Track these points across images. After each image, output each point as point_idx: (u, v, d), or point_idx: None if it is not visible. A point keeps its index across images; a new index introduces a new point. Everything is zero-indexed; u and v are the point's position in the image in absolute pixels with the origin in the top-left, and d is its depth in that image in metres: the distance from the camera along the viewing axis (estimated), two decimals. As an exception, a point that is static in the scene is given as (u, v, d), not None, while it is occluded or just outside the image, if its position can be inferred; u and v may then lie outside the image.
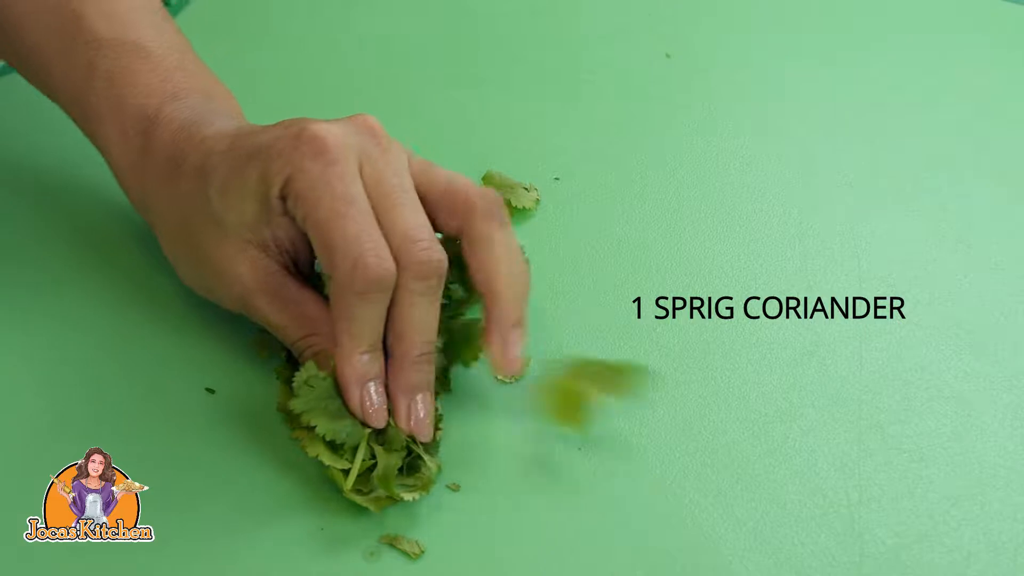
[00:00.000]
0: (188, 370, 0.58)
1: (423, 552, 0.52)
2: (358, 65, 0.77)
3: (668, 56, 0.80)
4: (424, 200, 0.56)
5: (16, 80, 0.69)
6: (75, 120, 0.61)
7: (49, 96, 0.63)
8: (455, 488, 0.55)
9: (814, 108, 0.76)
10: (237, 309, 0.58)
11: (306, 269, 0.58)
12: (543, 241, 0.66)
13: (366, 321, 0.53)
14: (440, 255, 0.54)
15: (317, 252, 0.54)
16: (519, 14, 0.82)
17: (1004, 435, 0.58)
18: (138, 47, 0.60)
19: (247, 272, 0.56)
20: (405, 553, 0.52)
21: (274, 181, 0.54)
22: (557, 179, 0.70)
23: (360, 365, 0.54)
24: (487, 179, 0.69)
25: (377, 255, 0.53)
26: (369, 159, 0.55)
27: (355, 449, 0.54)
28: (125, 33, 0.60)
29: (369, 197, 0.54)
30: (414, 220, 0.54)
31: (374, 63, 0.77)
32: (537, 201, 0.68)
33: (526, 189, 0.68)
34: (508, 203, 0.67)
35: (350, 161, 0.54)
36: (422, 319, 0.54)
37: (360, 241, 0.53)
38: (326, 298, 0.56)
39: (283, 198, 0.54)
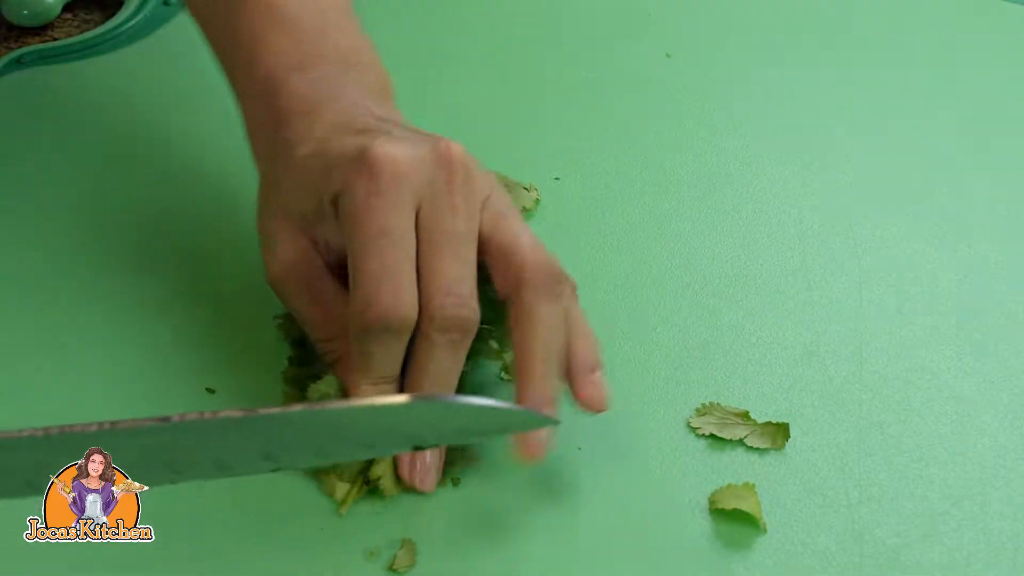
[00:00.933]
0: (188, 370, 0.58)
1: (420, 552, 0.52)
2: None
3: (668, 56, 0.80)
4: (484, 252, 0.54)
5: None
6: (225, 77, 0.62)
7: (217, 61, 0.63)
8: (456, 483, 0.54)
9: (814, 108, 0.76)
10: (273, 286, 0.57)
11: None
12: (543, 240, 0.66)
13: (375, 356, 0.53)
14: (471, 313, 0.53)
15: (349, 276, 0.53)
16: (519, 14, 0.82)
17: (1004, 435, 0.58)
18: (272, 8, 0.59)
19: (291, 256, 0.56)
20: (405, 553, 0.52)
21: (328, 190, 0.54)
22: (557, 179, 0.70)
23: (366, 395, 0.53)
24: (487, 179, 0.69)
25: (394, 295, 0.52)
26: (432, 196, 0.53)
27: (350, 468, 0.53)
28: None
29: (420, 235, 0.53)
30: (455, 272, 0.53)
31: (374, 63, 0.77)
32: (537, 201, 0.68)
33: (526, 189, 0.68)
34: (508, 203, 0.67)
35: (403, 193, 0.52)
36: (438, 372, 0.53)
37: (379, 279, 0.52)
38: None
39: (335, 204, 0.54)
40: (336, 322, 0.55)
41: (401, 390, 0.54)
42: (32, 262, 0.63)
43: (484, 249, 0.54)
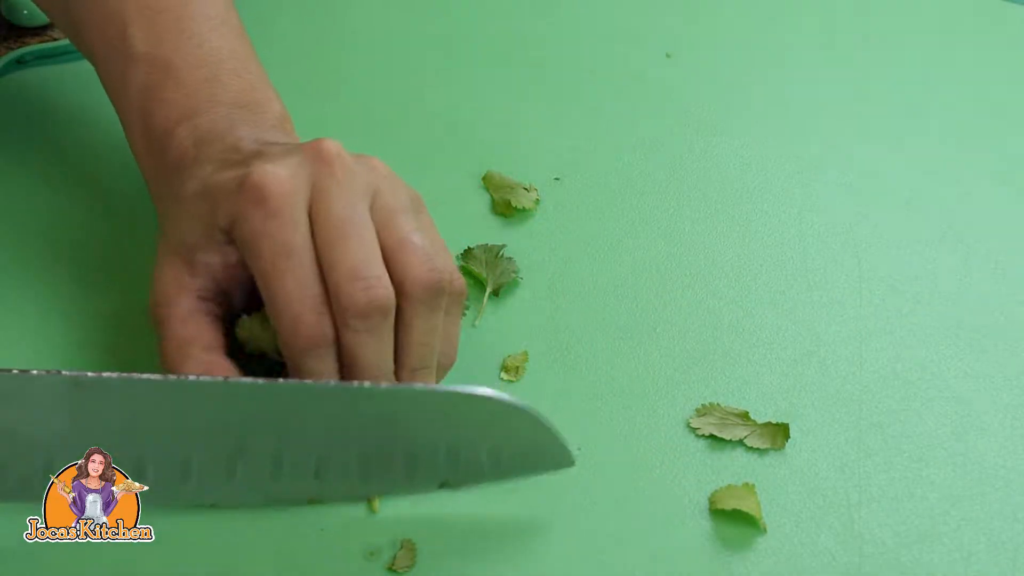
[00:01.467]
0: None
1: (420, 552, 0.52)
2: (357, 65, 0.77)
3: (668, 56, 0.80)
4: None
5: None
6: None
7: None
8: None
9: (814, 108, 0.76)
10: (150, 317, 0.57)
11: (236, 301, 0.57)
12: (543, 241, 0.66)
13: (316, 374, 0.53)
14: (384, 292, 0.52)
15: (264, 301, 0.54)
16: (519, 14, 0.82)
17: (1004, 435, 0.58)
18: (166, 63, 0.60)
19: (162, 283, 0.56)
20: (405, 553, 0.52)
21: (219, 220, 0.54)
22: (557, 179, 0.70)
23: None
24: (487, 179, 0.69)
25: (315, 311, 0.52)
26: (320, 192, 0.54)
27: None
28: (159, 47, 0.60)
29: (316, 234, 0.53)
30: (359, 255, 0.53)
31: (374, 63, 0.77)
32: (537, 201, 0.68)
33: (526, 189, 0.68)
34: (508, 203, 0.67)
35: (294, 206, 0.53)
36: (372, 360, 0.53)
37: (299, 299, 0.52)
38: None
39: (226, 231, 0.55)
40: (178, 343, 0.55)
41: None
42: (32, 262, 0.63)
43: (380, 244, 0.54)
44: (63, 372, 0.50)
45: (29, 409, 0.50)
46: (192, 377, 0.51)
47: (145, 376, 0.51)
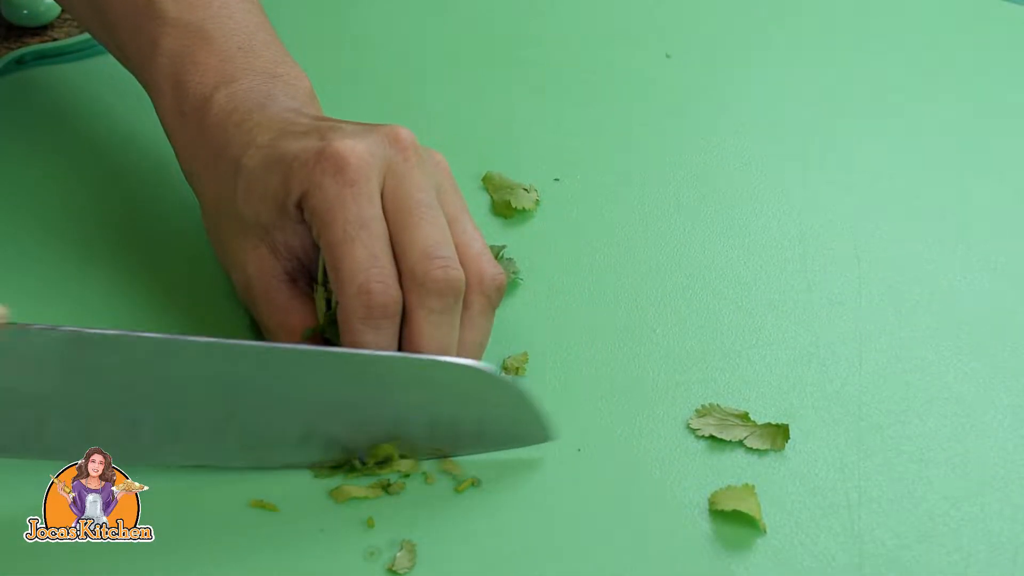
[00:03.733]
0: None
1: (420, 552, 0.52)
2: (357, 65, 0.77)
3: (668, 56, 0.80)
4: None
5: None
6: (145, 90, 0.63)
7: (126, 67, 0.65)
8: (476, 484, 0.55)
9: (814, 108, 0.76)
10: (242, 300, 0.59)
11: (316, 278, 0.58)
12: (543, 241, 0.66)
13: (373, 346, 0.53)
14: (458, 274, 0.53)
15: (328, 273, 0.54)
16: (519, 14, 0.82)
17: (1004, 436, 0.58)
18: (200, 29, 0.61)
19: (252, 268, 0.57)
20: (405, 553, 0.52)
21: (292, 191, 0.55)
22: (557, 180, 0.70)
23: None
24: (487, 180, 0.69)
25: (383, 281, 0.53)
26: (394, 174, 0.55)
27: None
28: (191, 13, 0.61)
29: (389, 214, 0.54)
30: (434, 237, 0.54)
31: (374, 63, 0.77)
32: (537, 202, 0.68)
33: (526, 190, 0.68)
34: (508, 204, 0.67)
35: (370, 181, 0.54)
36: (439, 339, 0.53)
37: (366, 267, 0.53)
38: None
39: (300, 208, 0.55)
40: (288, 328, 0.56)
41: None
42: (32, 261, 0.63)
43: None
44: (61, 327, 0.50)
45: (26, 364, 0.50)
46: (185, 337, 0.52)
47: (143, 334, 0.51)
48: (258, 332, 0.59)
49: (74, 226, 0.65)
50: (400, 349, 0.54)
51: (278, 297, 0.56)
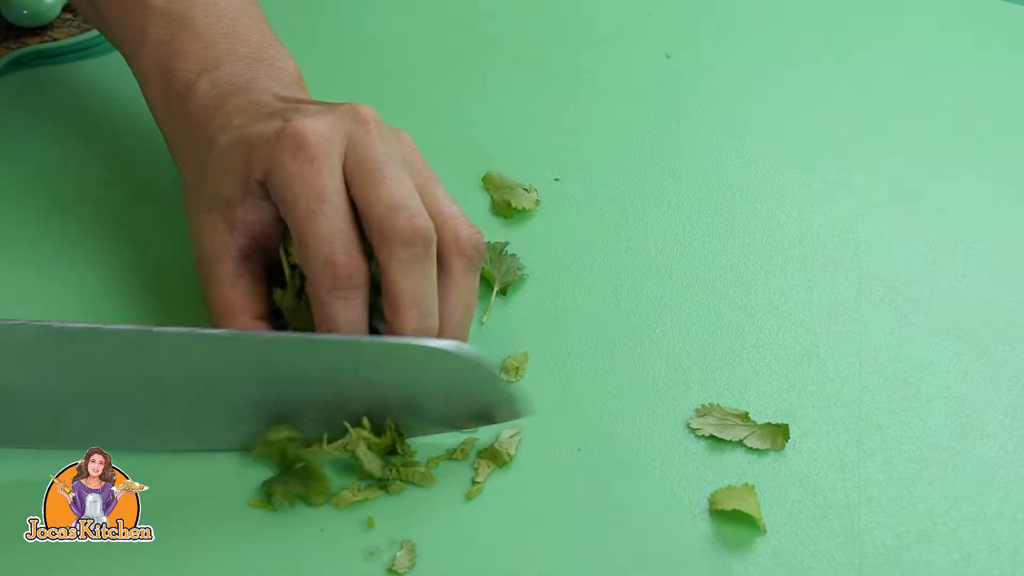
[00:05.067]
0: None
1: (420, 552, 0.52)
2: (358, 65, 0.77)
3: (668, 56, 0.80)
4: None
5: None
6: (136, 79, 0.64)
7: (122, 55, 0.66)
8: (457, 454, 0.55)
9: (814, 108, 0.76)
10: (196, 273, 0.59)
11: (272, 258, 0.58)
12: (543, 241, 0.66)
13: (341, 319, 0.54)
14: (425, 222, 0.54)
15: (296, 250, 0.55)
16: (519, 14, 0.82)
17: (1004, 435, 0.58)
18: (184, 17, 0.62)
19: (206, 241, 0.58)
20: (405, 553, 0.52)
21: (255, 170, 0.56)
22: (557, 179, 0.70)
23: None
24: (487, 180, 0.69)
25: (347, 252, 0.54)
26: (355, 145, 0.55)
27: None
28: (177, 2, 0.62)
29: (352, 181, 0.55)
30: (399, 191, 0.54)
31: (374, 63, 0.77)
32: (537, 202, 0.68)
33: (526, 190, 0.68)
34: (508, 203, 0.67)
35: (331, 156, 0.55)
36: (415, 290, 0.54)
37: (330, 239, 0.54)
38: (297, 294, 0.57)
39: (263, 186, 0.56)
40: (225, 301, 0.57)
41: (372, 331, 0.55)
42: (30, 259, 0.63)
43: None
44: (33, 322, 0.52)
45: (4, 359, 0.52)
46: (160, 328, 0.52)
47: (114, 327, 0.52)
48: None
49: (73, 225, 0.65)
50: (381, 311, 0.55)
51: (224, 272, 0.57)
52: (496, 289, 0.62)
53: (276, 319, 0.58)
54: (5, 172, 0.68)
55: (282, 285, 0.58)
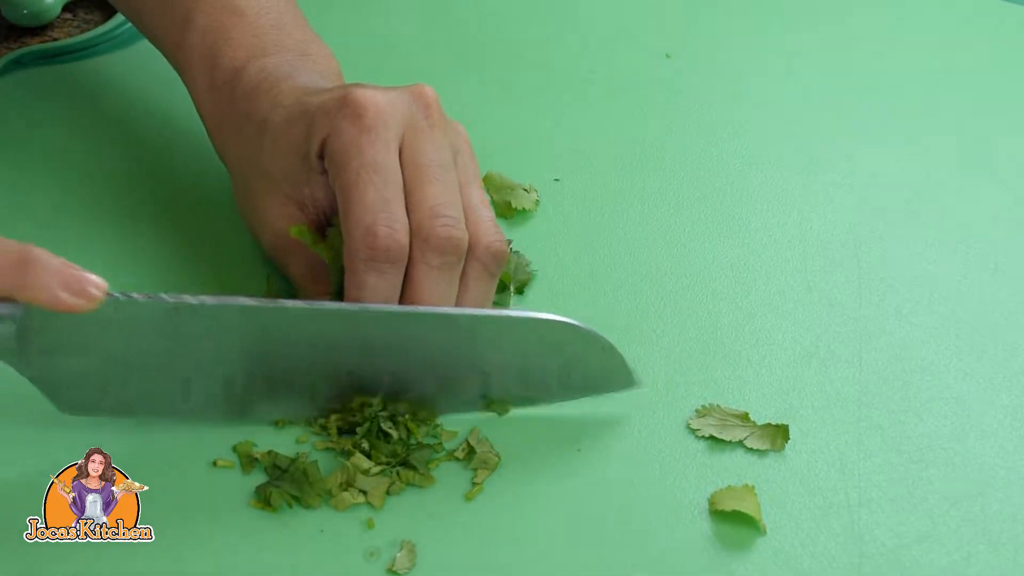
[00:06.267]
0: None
1: (420, 553, 0.52)
2: (358, 65, 0.77)
3: (668, 56, 0.80)
4: None
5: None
6: (175, 68, 0.65)
7: (155, 46, 0.66)
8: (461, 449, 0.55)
9: (814, 108, 0.77)
10: (273, 260, 0.60)
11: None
12: (543, 241, 0.66)
13: (374, 289, 0.54)
14: (462, 234, 0.55)
15: (340, 215, 0.55)
16: (519, 14, 0.82)
17: (1004, 436, 0.58)
18: (233, 5, 0.62)
19: (283, 226, 0.58)
20: (405, 553, 0.52)
21: (314, 139, 0.56)
22: (557, 180, 0.70)
23: None
24: (487, 180, 0.69)
25: (389, 225, 0.54)
26: (414, 131, 0.56)
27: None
28: None
29: (405, 169, 0.55)
30: (443, 197, 0.55)
31: (374, 63, 0.77)
32: (537, 202, 0.68)
33: (526, 190, 0.68)
34: (508, 204, 0.67)
35: (389, 129, 0.55)
36: (438, 293, 0.55)
37: (375, 210, 0.54)
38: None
39: (321, 157, 0.56)
40: (323, 286, 0.58)
41: None
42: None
43: None
44: (162, 296, 0.52)
45: (129, 332, 0.52)
46: (280, 302, 0.53)
47: (238, 300, 0.53)
48: (289, 292, 0.60)
49: (74, 225, 0.65)
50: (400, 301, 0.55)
51: (310, 253, 0.58)
52: (512, 289, 0.62)
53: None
54: (5, 172, 0.68)
55: None
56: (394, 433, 0.55)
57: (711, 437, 0.57)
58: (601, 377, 0.56)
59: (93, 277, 0.50)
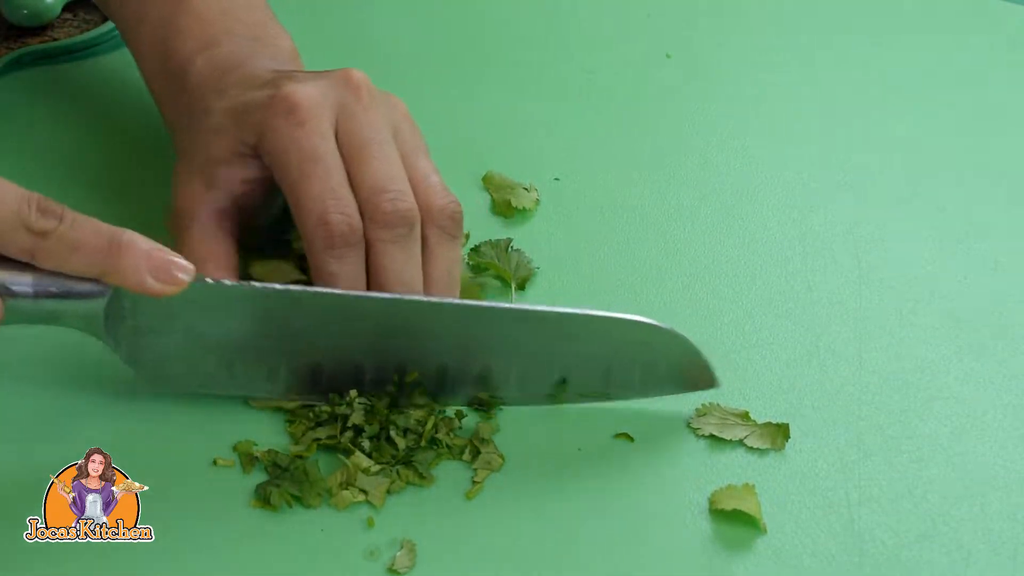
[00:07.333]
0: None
1: (420, 552, 0.52)
2: (358, 64, 0.77)
3: (668, 56, 0.80)
4: None
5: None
6: (136, 62, 0.66)
7: (123, 39, 0.67)
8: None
9: (814, 108, 0.77)
10: (169, 224, 0.59)
11: (251, 218, 0.59)
12: (543, 241, 0.66)
13: (338, 275, 0.55)
14: (410, 205, 0.55)
15: (291, 211, 0.56)
16: (519, 14, 0.82)
17: (1004, 435, 0.58)
18: None
19: (181, 196, 0.59)
20: (405, 553, 0.52)
21: (249, 136, 0.57)
22: (557, 179, 0.70)
23: None
24: (487, 179, 0.69)
25: (340, 211, 0.54)
26: (346, 114, 0.57)
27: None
28: None
29: (343, 152, 0.56)
30: (385, 171, 0.56)
31: (374, 63, 0.77)
32: (537, 201, 0.68)
33: (526, 189, 0.68)
34: (508, 203, 0.67)
35: (321, 120, 0.56)
36: (397, 270, 0.55)
37: (323, 199, 0.55)
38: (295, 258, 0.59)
39: (256, 151, 0.57)
40: (198, 260, 0.56)
41: None
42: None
43: None
44: (246, 283, 0.54)
45: (214, 314, 0.54)
46: (360, 293, 0.55)
47: (320, 289, 0.55)
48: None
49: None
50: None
51: (197, 227, 0.58)
52: (514, 287, 0.62)
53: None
54: (5, 172, 0.68)
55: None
56: (400, 442, 0.55)
57: (711, 436, 0.57)
58: (683, 376, 0.57)
59: (181, 261, 0.51)
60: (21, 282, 0.51)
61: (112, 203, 0.66)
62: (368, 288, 0.56)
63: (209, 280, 0.53)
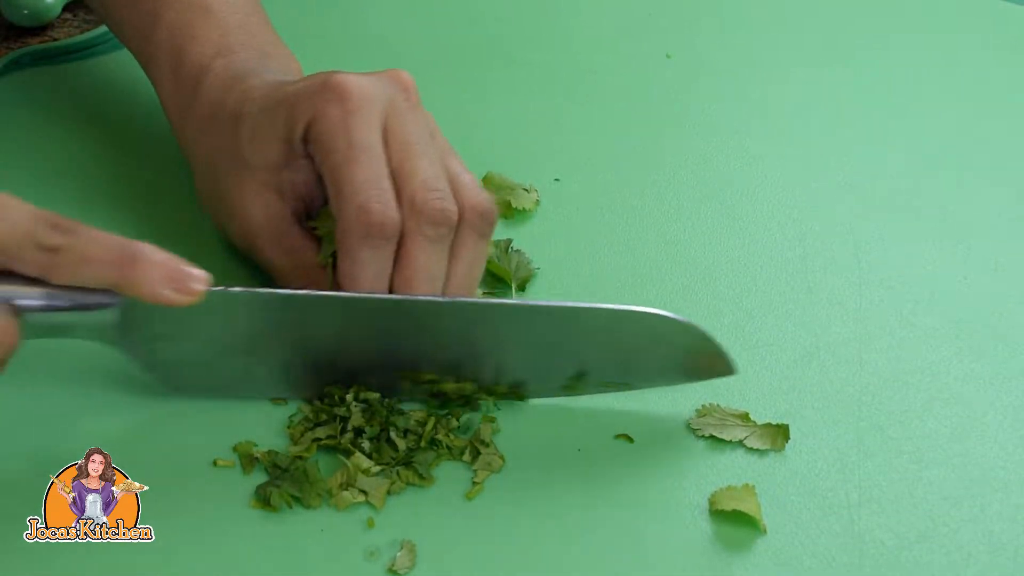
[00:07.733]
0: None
1: (420, 552, 0.52)
2: (358, 65, 0.77)
3: (668, 56, 0.80)
4: None
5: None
6: (140, 64, 0.66)
7: (121, 41, 0.68)
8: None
9: (814, 108, 0.77)
10: (244, 248, 0.60)
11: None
12: (543, 242, 0.66)
13: (367, 265, 0.54)
14: (452, 206, 0.55)
15: (329, 196, 0.56)
16: (520, 14, 0.82)
17: (1004, 436, 0.58)
18: (201, 3, 0.63)
19: (259, 213, 0.59)
20: (405, 553, 0.52)
21: (298, 123, 0.56)
22: (557, 180, 0.70)
23: None
24: (487, 180, 0.69)
25: (381, 201, 0.54)
26: (395, 111, 0.57)
27: None
28: None
29: (390, 147, 0.56)
30: (431, 171, 0.56)
31: (374, 63, 0.77)
32: (537, 202, 0.68)
33: (526, 190, 0.68)
34: (508, 204, 0.67)
35: (372, 110, 0.56)
36: (429, 266, 0.55)
37: (367, 187, 0.54)
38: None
39: (306, 141, 0.57)
40: (304, 266, 0.58)
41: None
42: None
43: None
44: (260, 290, 0.54)
45: (230, 320, 0.54)
46: (377, 295, 0.55)
47: (330, 293, 0.55)
48: (263, 280, 0.60)
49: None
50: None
51: (290, 239, 0.59)
52: (515, 287, 0.63)
53: None
54: (5, 173, 0.68)
55: None
56: (400, 443, 0.55)
57: (711, 437, 0.57)
58: (699, 365, 0.57)
59: (196, 271, 0.51)
60: (32, 296, 0.51)
61: (112, 203, 0.66)
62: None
63: (222, 289, 0.53)
